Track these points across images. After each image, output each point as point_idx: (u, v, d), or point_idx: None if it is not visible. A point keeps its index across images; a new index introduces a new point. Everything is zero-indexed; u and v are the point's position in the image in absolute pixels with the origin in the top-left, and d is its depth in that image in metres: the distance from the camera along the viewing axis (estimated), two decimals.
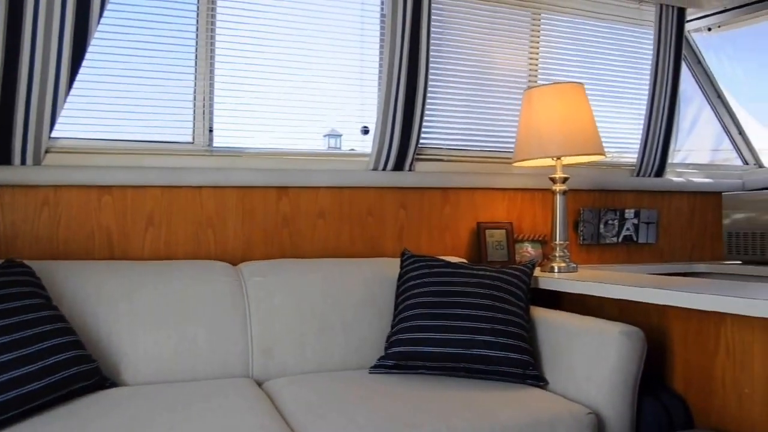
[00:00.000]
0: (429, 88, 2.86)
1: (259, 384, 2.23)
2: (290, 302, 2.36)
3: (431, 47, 2.86)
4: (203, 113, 2.66)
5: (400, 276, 2.42)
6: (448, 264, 2.41)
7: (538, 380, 2.16)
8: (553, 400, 2.03)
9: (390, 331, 2.32)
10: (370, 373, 2.23)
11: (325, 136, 2.91)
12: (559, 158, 2.71)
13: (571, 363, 2.14)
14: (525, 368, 2.15)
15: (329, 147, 2.94)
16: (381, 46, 2.85)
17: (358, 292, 2.46)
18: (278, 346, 2.30)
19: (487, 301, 2.23)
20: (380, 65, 2.85)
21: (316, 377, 2.19)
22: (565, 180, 2.72)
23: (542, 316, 2.33)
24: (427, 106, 2.93)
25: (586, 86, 3.37)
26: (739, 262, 3.41)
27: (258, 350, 2.28)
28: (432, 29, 2.85)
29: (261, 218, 2.68)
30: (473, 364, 2.16)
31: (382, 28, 2.83)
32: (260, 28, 2.71)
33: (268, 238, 2.69)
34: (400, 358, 2.20)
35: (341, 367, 2.34)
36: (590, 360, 2.07)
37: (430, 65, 2.84)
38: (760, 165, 4.10)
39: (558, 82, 2.71)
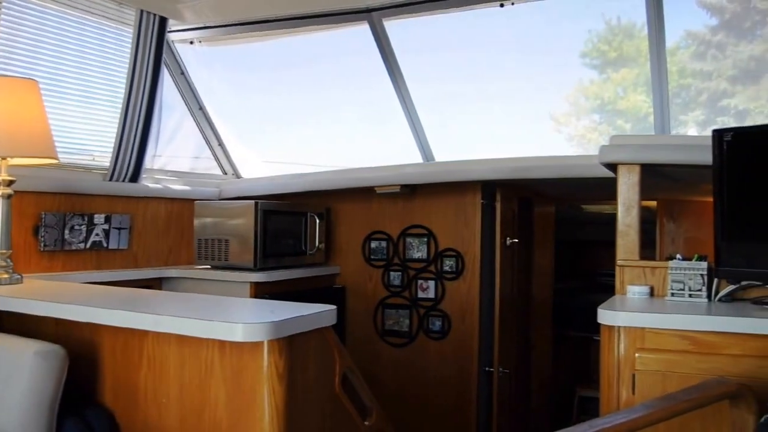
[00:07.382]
0: None
1: None
2: None
3: None
4: None
5: None
6: None
7: None
8: None
9: None
10: None
11: None
12: (4, 158, 2.47)
13: None
14: None
15: None
16: None
17: None
18: None
19: None
20: None
21: None
22: (10, 183, 2.49)
23: None
24: None
25: (57, 82, 3.18)
26: (208, 266, 3.61)
27: None
28: None
29: None
30: None
31: None
32: None
33: None
34: None
35: None
36: (4, 383, 1.91)
37: None
38: (238, 176, 4.45)
39: (7, 76, 2.47)
